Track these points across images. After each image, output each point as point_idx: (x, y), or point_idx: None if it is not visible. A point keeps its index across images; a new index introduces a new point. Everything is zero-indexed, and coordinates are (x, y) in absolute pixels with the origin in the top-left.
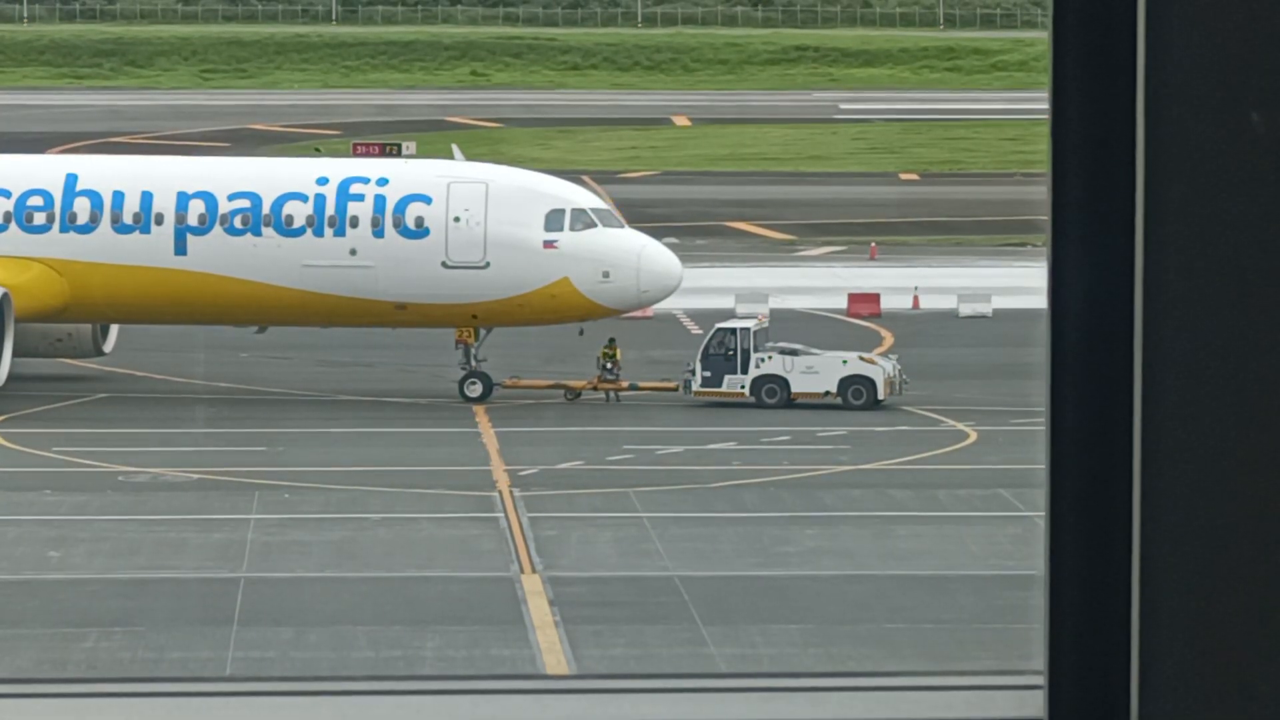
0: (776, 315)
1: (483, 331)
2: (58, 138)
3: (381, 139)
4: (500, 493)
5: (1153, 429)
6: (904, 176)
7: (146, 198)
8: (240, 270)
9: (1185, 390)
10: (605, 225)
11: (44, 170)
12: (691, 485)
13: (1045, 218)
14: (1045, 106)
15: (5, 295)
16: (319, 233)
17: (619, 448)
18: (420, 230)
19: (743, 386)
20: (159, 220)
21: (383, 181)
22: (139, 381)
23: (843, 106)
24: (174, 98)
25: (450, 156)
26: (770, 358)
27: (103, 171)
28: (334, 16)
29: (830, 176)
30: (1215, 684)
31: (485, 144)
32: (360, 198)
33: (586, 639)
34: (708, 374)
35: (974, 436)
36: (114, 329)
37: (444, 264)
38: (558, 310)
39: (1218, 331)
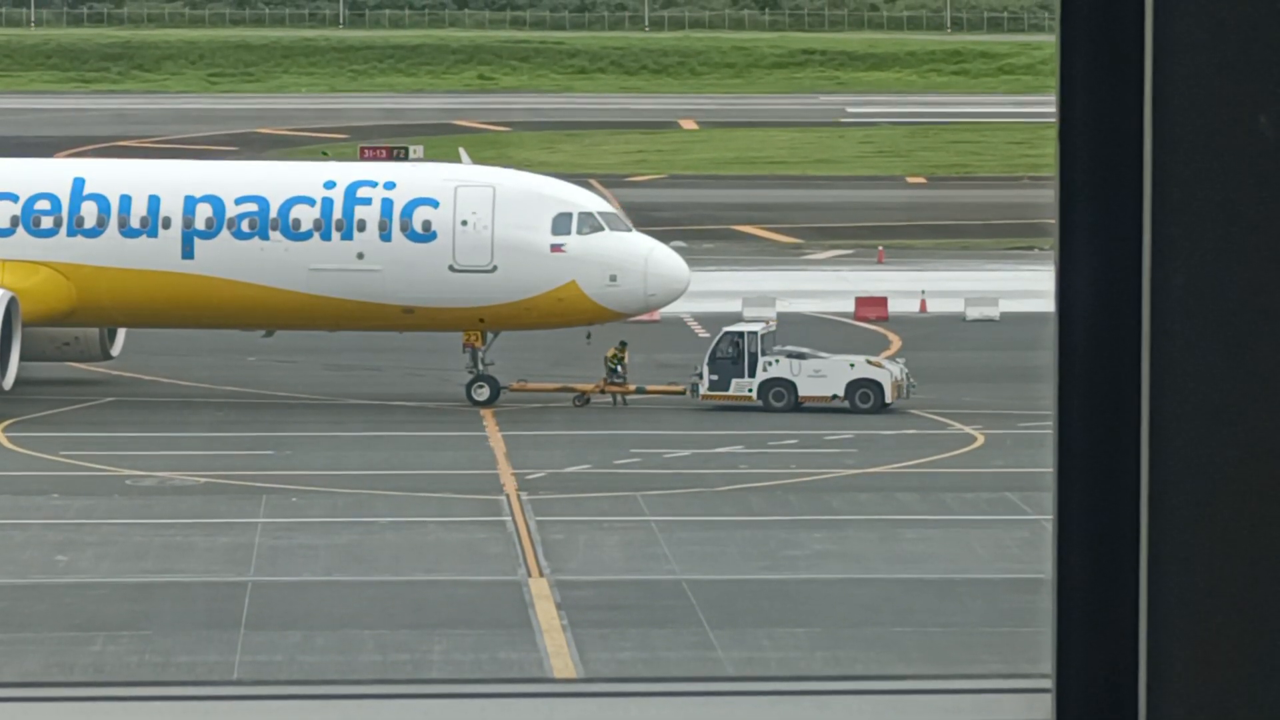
0: (784, 319)
1: (490, 335)
2: (65, 141)
3: (389, 143)
4: (508, 496)
5: (1160, 432)
6: (911, 180)
7: (154, 201)
8: (247, 274)
9: (1193, 393)
10: (612, 229)
11: (51, 174)
12: (699, 489)
13: (1053, 221)
14: (1053, 110)
15: (13, 299)
16: (326, 236)
17: (626, 451)
18: (427, 234)
19: (750, 390)
20: (166, 224)
21: (390, 185)
22: (146, 385)
23: (850, 110)
24: (181, 101)
25: (457, 160)
26: (777, 361)
27: (110, 175)
28: (341, 20)
29: (837, 180)
30: (1223, 688)
31: (492, 147)
32: (367, 201)
33: (594, 643)
34: (715, 377)
35: (981, 440)
36: (121, 333)
37: (451, 268)
38: (565, 314)
39: (1225, 335)
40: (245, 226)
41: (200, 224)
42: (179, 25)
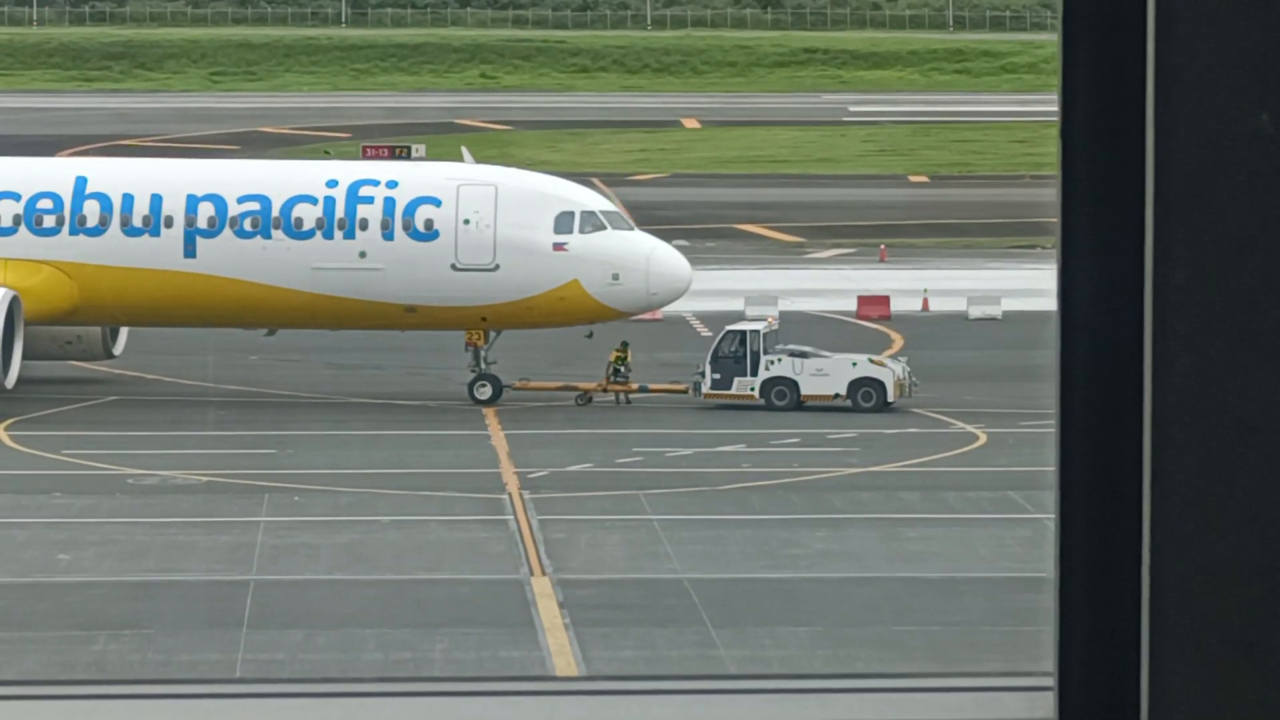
0: (786, 318)
1: (492, 334)
2: (67, 140)
3: (391, 141)
4: (510, 495)
5: (1162, 431)
6: (913, 179)
7: (156, 200)
8: (249, 273)
9: (1194, 392)
10: (614, 227)
11: (53, 173)
12: (701, 487)
13: (1055, 220)
14: (1054, 109)
15: (15, 298)
16: (328, 235)
17: (628, 450)
18: (430, 233)
19: (752, 389)
20: (168, 223)
21: (392, 184)
22: (148, 384)
23: (852, 109)
24: (183, 100)
25: (459, 159)
26: (780, 360)
27: (112, 174)
28: (343, 19)
29: (839, 179)
30: (1224, 686)
31: (494, 146)
32: (370, 200)
33: (596, 641)
34: (717, 376)
35: (983, 439)
36: (123, 332)
37: (453, 266)
38: (567, 312)
39: (1226, 333)
40: (247, 225)
41: (202, 223)
42: (181, 24)
